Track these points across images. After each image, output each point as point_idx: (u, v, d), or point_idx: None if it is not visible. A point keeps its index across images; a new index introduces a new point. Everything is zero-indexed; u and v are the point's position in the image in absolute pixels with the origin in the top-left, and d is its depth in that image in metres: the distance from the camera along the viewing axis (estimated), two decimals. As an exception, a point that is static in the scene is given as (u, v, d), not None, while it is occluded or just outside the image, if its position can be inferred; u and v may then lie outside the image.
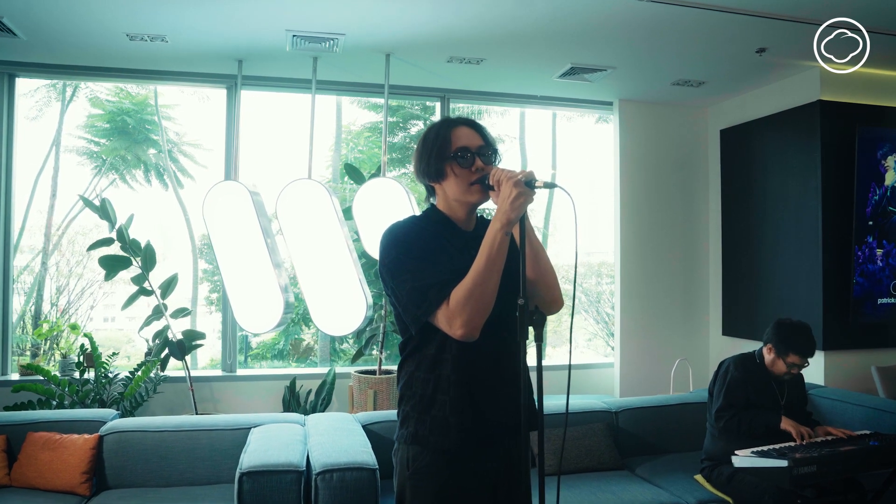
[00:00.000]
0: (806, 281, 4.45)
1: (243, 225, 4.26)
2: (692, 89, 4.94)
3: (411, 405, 1.78)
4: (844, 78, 4.43)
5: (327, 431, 3.02)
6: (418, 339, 1.78)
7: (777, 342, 3.12)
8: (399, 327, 1.86)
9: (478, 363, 1.76)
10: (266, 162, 8.66)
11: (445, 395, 1.74)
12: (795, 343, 3.08)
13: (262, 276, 4.23)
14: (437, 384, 1.75)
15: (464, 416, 1.74)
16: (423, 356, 1.79)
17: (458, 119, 1.87)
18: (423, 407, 1.76)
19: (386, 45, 4.18)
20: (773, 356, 3.14)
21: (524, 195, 1.64)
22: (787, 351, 3.09)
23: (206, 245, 9.56)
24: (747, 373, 3.14)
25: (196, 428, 3.15)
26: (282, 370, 5.74)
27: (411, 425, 1.77)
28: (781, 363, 3.11)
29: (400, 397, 1.83)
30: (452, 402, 1.74)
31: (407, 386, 1.81)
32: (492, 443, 1.79)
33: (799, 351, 3.08)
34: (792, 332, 3.09)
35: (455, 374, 1.74)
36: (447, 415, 1.74)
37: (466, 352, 1.74)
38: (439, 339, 1.75)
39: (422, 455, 1.75)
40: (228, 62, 4.42)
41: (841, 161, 4.35)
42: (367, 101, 9.25)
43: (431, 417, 1.75)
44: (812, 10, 3.56)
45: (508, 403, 1.79)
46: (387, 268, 1.75)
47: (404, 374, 1.83)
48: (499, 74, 4.70)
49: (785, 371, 3.12)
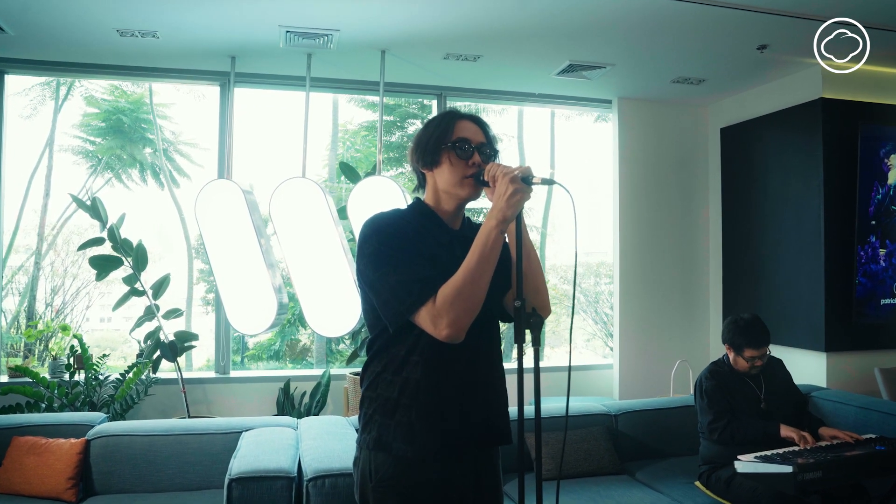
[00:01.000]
0: (808, 281, 4.38)
1: (236, 224, 4.18)
2: (692, 87, 4.88)
3: (374, 408, 1.69)
4: (847, 75, 4.36)
5: (320, 435, 2.95)
6: (387, 338, 1.69)
7: (731, 341, 3.15)
8: (368, 322, 1.76)
9: (450, 367, 1.67)
10: (260, 160, 8.58)
11: (412, 401, 1.65)
12: (747, 337, 3.09)
13: (256, 276, 4.16)
14: (404, 387, 1.66)
15: (430, 422, 1.65)
16: (391, 356, 1.69)
17: (464, 112, 1.80)
18: (388, 411, 1.66)
19: (381, 42, 4.10)
20: (734, 355, 3.16)
21: (521, 192, 1.58)
22: (742, 346, 3.11)
23: (202, 245, 9.47)
24: (720, 379, 3.14)
25: (186, 432, 3.08)
26: (276, 372, 5.67)
27: (374, 430, 1.67)
28: (741, 360, 3.13)
29: (363, 399, 1.74)
30: (420, 407, 1.65)
31: (371, 387, 1.71)
32: (461, 451, 1.70)
33: (752, 344, 3.09)
34: (742, 327, 3.11)
35: (425, 380, 1.65)
36: (413, 420, 1.64)
37: (439, 354, 1.65)
38: (411, 340, 1.66)
39: (386, 463, 1.65)
40: (221, 59, 4.34)
41: (843, 160, 4.28)
42: (363, 100, 9.17)
43: (396, 422, 1.65)
44: (814, 6, 3.50)
45: (481, 411, 1.72)
46: (367, 258, 1.66)
47: (369, 375, 1.73)
48: (496, 71, 4.64)
49: (748, 367, 3.12)
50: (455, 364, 1.67)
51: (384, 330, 1.68)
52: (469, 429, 1.68)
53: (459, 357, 1.65)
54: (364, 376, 1.75)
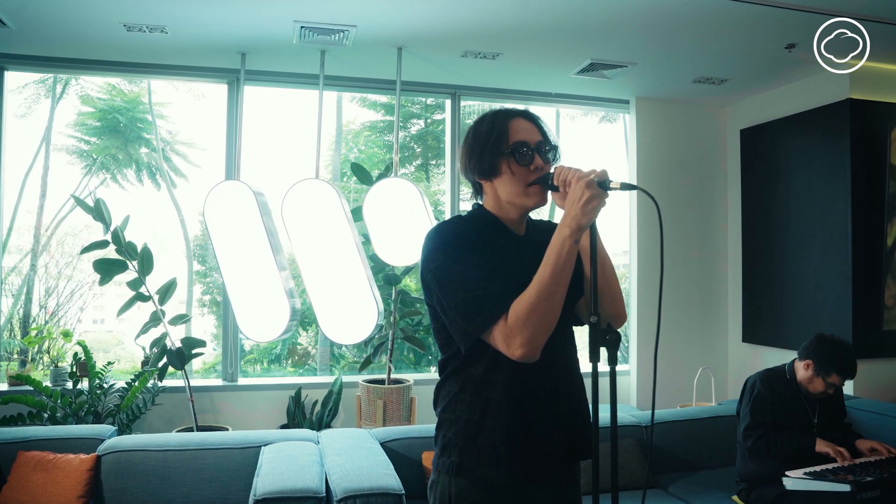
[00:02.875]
0: (834, 286, 4.26)
1: (247, 226, 4.03)
2: (713, 87, 4.76)
3: (455, 431, 1.57)
4: (876, 76, 4.25)
5: (344, 450, 2.81)
6: (464, 357, 1.58)
7: (819, 360, 2.91)
8: (439, 342, 1.65)
9: (531, 385, 1.56)
10: (264, 161, 8.41)
11: (495, 422, 1.54)
12: (841, 363, 2.88)
13: (267, 280, 4.00)
14: (486, 409, 1.55)
15: (516, 445, 1.54)
16: (468, 376, 1.58)
17: (515, 110, 1.67)
18: (469, 434, 1.55)
19: (399, 38, 3.96)
20: (811, 374, 2.93)
21: (598, 198, 1.44)
22: (830, 371, 2.88)
23: (199, 246, 9.32)
24: (774, 390, 2.96)
25: (202, 446, 2.92)
26: (285, 379, 5.50)
27: (455, 455, 1.56)
28: (820, 382, 2.91)
29: (440, 422, 1.62)
30: (503, 429, 1.53)
31: (449, 409, 1.60)
32: (546, 473, 1.59)
33: (843, 372, 2.89)
34: (836, 351, 2.89)
35: (507, 399, 1.54)
36: (497, 444, 1.53)
37: (520, 373, 1.54)
38: (489, 358, 1.54)
39: (468, 489, 1.54)
40: (231, 55, 4.18)
41: (872, 162, 4.17)
42: (366, 100, 9.02)
43: (479, 446, 1.54)
44: (846, 3, 3.38)
45: (563, 429, 1.60)
46: (432, 274, 1.54)
47: (445, 395, 1.62)
48: (514, 70, 4.50)
49: (822, 391, 2.92)
50: (536, 379, 1.55)
51: (459, 351, 1.56)
52: (555, 447, 1.57)
53: (540, 371, 1.53)
54: (439, 396, 1.64)
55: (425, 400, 4.72)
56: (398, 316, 4.60)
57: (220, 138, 4.65)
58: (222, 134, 4.63)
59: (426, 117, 9.25)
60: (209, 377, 6.33)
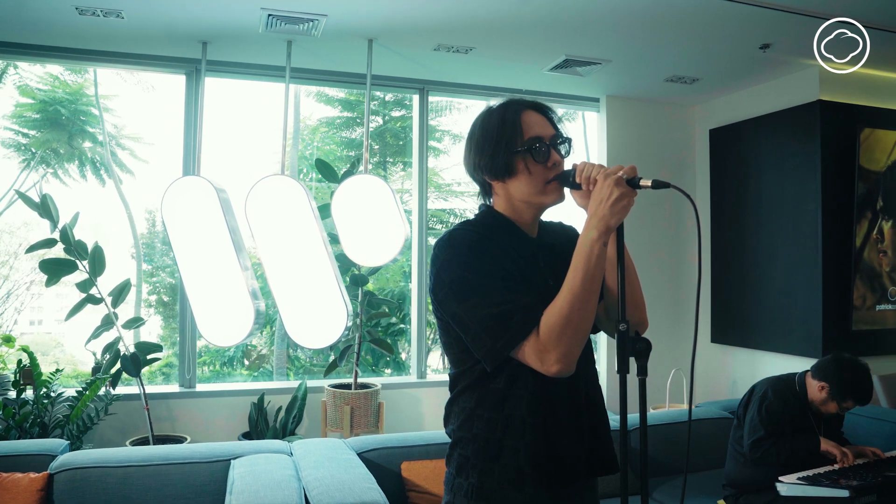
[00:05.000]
0: (804, 287, 4.28)
1: (208, 224, 3.81)
2: (684, 86, 4.73)
3: (472, 450, 1.45)
4: (845, 78, 4.28)
5: (321, 463, 2.64)
6: (480, 372, 1.45)
7: (838, 386, 2.79)
8: (450, 356, 1.52)
9: (554, 401, 1.44)
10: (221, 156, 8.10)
11: (518, 441, 1.42)
12: (859, 391, 2.78)
13: (230, 281, 3.80)
14: (508, 426, 1.42)
15: (541, 465, 1.42)
16: (486, 391, 1.45)
17: (524, 101, 1.54)
18: (490, 454, 1.43)
19: (371, 30, 3.80)
20: (826, 396, 2.83)
21: (627, 196, 1.34)
22: (847, 397, 2.79)
23: (147, 245, 8.96)
24: (786, 403, 2.86)
25: (166, 461, 2.71)
26: (246, 385, 5.26)
27: (474, 476, 1.43)
28: (835, 406, 2.83)
29: (456, 440, 1.50)
30: (528, 448, 1.41)
31: (465, 426, 1.47)
32: (569, 493, 1.48)
33: (861, 399, 2.79)
34: (855, 377, 2.78)
35: (531, 416, 1.42)
36: (521, 464, 1.41)
37: (545, 387, 1.42)
38: (510, 372, 1.42)
39: None
40: (191, 44, 3.95)
41: (841, 164, 4.20)
42: (324, 95, 8.80)
43: (501, 467, 1.42)
44: (821, 3, 3.37)
45: (589, 442, 1.49)
46: (449, 288, 1.41)
47: (459, 412, 1.49)
48: (486, 65, 4.38)
49: (835, 412, 2.85)
50: (560, 393, 1.44)
51: (474, 365, 1.43)
52: (578, 465, 1.46)
53: (562, 385, 1.42)
54: (451, 413, 1.51)
55: (393, 405, 4.58)
56: (365, 318, 4.44)
57: (170, 132, 4.41)
58: (174, 128, 4.38)
59: (384, 114, 9.08)
60: (155, 382, 6.02)
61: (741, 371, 4.81)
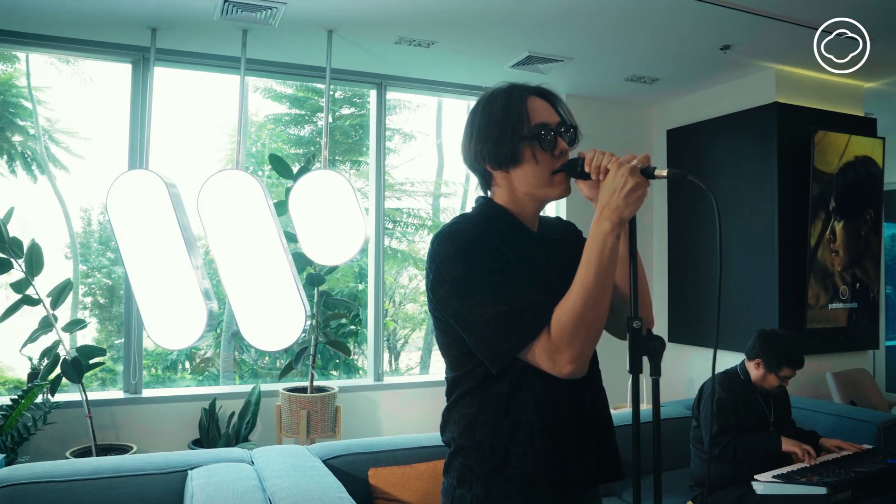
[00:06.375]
0: (761, 286, 4.34)
1: (157, 221, 3.61)
2: (644, 86, 4.75)
3: (476, 459, 1.35)
4: (800, 81, 4.36)
5: (286, 472, 2.50)
6: (482, 375, 1.36)
7: (768, 356, 2.92)
8: (449, 359, 1.43)
9: (562, 402, 1.37)
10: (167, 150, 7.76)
11: (527, 448, 1.33)
12: (789, 356, 2.90)
13: (181, 280, 3.60)
14: (514, 433, 1.34)
15: (550, 473, 1.34)
16: (489, 396, 1.36)
17: (529, 86, 1.46)
18: (496, 463, 1.34)
19: (330, 20, 3.66)
20: (763, 371, 2.94)
21: (642, 186, 1.27)
22: (781, 365, 2.91)
23: (82, 245, 8.58)
24: (734, 392, 2.95)
25: (116, 473, 2.52)
26: (195, 389, 5.01)
27: (478, 487, 1.34)
28: (774, 378, 2.93)
29: (456, 448, 1.40)
30: (537, 455, 1.33)
31: (467, 434, 1.37)
32: (577, 499, 1.41)
33: (793, 364, 2.91)
34: (783, 344, 2.92)
35: (540, 421, 1.34)
36: (529, 473, 1.32)
37: (551, 388, 1.34)
38: (514, 374, 1.34)
39: None
40: (139, 31, 3.74)
41: (797, 165, 4.27)
42: (272, 90, 8.57)
43: (508, 477, 1.33)
44: (778, 4, 3.40)
45: (595, 447, 1.42)
46: (450, 286, 1.31)
47: (459, 418, 1.39)
48: (447, 60, 4.29)
49: (778, 385, 2.94)
50: (566, 396, 1.36)
51: (475, 368, 1.34)
52: (587, 472, 1.38)
53: (568, 386, 1.34)
54: (450, 419, 1.41)
55: (349, 409, 4.44)
56: (321, 319, 4.29)
57: (110, 127, 4.18)
58: (115, 121, 4.16)
59: (334, 111, 8.90)
60: (90, 388, 5.70)
61: (698, 370, 4.85)
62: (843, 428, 3.53)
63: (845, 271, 4.44)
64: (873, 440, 3.39)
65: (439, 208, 9.39)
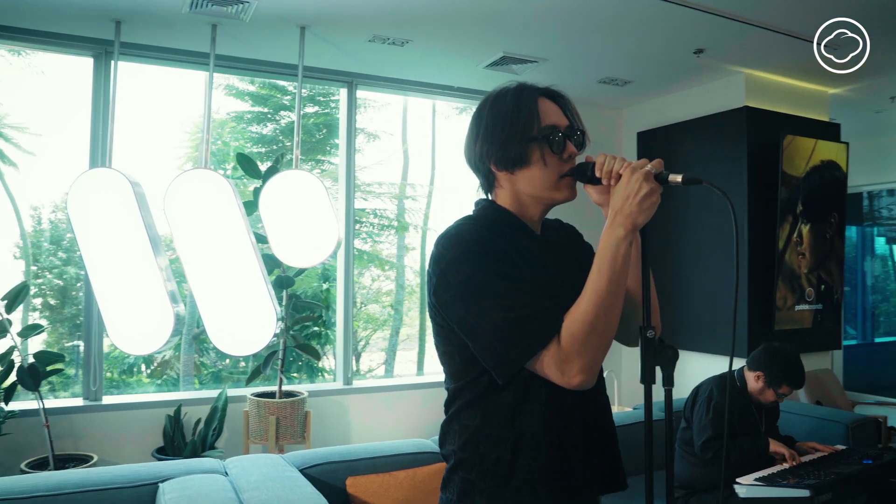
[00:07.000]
0: (730, 288, 4.38)
1: (121, 221, 3.47)
2: (616, 88, 4.76)
3: (478, 473, 1.30)
4: (768, 86, 4.42)
5: (263, 483, 2.41)
6: (485, 385, 1.31)
7: (771, 372, 2.90)
8: (449, 368, 1.37)
9: (569, 412, 1.32)
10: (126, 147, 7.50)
11: (533, 461, 1.28)
12: (792, 376, 2.89)
13: (146, 283, 3.47)
14: (520, 445, 1.29)
15: (556, 486, 1.30)
16: (493, 406, 1.31)
17: (538, 87, 1.42)
18: (500, 477, 1.29)
19: (303, 16, 3.57)
20: (763, 385, 2.93)
21: (656, 192, 1.24)
22: (781, 383, 2.89)
23: (33, 244, 8.26)
24: (731, 399, 2.94)
25: (82, 488, 2.39)
26: (160, 395, 4.81)
27: (482, 501, 1.29)
28: (772, 393, 2.92)
29: (457, 461, 1.34)
30: (543, 468, 1.28)
31: (469, 447, 1.32)
32: None
33: (794, 383, 2.90)
34: (788, 363, 2.89)
35: (547, 432, 1.29)
36: (536, 486, 1.28)
37: (559, 398, 1.30)
38: (519, 383, 1.29)
39: None
40: (102, 23, 3.58)
41: (766, 169, 4.32)
42: (233, 87, 8.37)
43: (513, 490, 1.28)
44: (751, 8, 3.43)
45: (601, 457, 1.38)
46: (456, 290, 1.26)
47: (460, 430, 1.34)
48: (421, 59, 4.24)
49: (773, 400, 2.94)
50: (572, 406, 1.32)
51: (478, 377, 1.29)
52: (592, 483, 1.34)
53: (573, 396, 1.30)
54: (449, 431, 1.36)
55: (320, 414, 4.34)
56: (290, 322, 4.19)
57: (64, 122, 3.99)
58: (72, 116, 3.98)
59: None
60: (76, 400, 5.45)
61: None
62: (812, 428, 3.59)
63: (811, 273, 4.52)
64: (843, 440, 3.45)
65: (404, 209, 9.32)
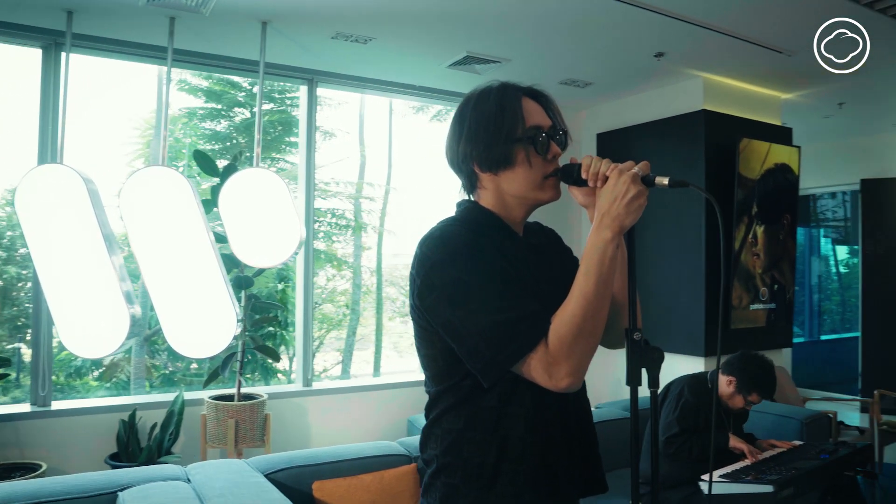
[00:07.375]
0: (688, 288, 4.47)
1: (73, 219, 3.34)
2: (577, 90, 4.80)
3: (462, 478, 1.28)
4: (724, 90, 4.52)
5: (228, 490, 2.35)
6: (468, 389, 1.29)
7: (742, 379, 2.94)
8: (431, 371, 1.35)
9: (551, 415, 1.32)
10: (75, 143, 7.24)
11: (518, 465, 1.27)
12: (764, 385, 2.93)
13: (100, 283, 3.34)
14: (503, 449, 1.28)
15: (541, 490, 1.29)
16: (476, 410, 1.30)
17: (521, 87, 1.41)
18: (484, 482, 1.27)
19: (265, 11, 3.50)
20: (734, 390, 2.97)
21: (643, 195, 1.24)
22: (752, 391, 2.94)
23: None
24: (700, 398, 2.96)
25: (36, 499, 2.29)
26: (113, 400, 4.64)
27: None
28: (741, 399, 2.96)
29: (439, 466, 1.32)
30: (528, 472, 1.28)
31: (452, 451, 1.30)
32: None
33: (764, 393, 2.94)
34: (761, 372, 2.93)
35: (531, 435, 1.28)
36: (520, 491, 1.27)
37: (542, 401, 1.29)
38: (505, 387, 1.28)
39: None
40: (53, 13, 3.44)
41: (723, 171, 4.41)
42: (185, 83, 8.17)
43: (497, 495, 1.27)
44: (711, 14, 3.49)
45: (580, 464, 1.37)
46: (441, 292, 1.24)
47: (442, 434, 1.32)
48: (383, 57, 4.19)
49: (742, 406, 2.98)
50: (555, 409, 1.31)
51: (462, 380, 1.27)
52: (574, 486, 1.34)
53: (556, 399, 1.29)
54: (431, 436, 1.34)
55: (280, 416, 4.27)
56: (248, 324, 4.10)
57: (7, 116, 3.83)
58: (10, 110, 3.82)
59: (251, 106, 8.58)
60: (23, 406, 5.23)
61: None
62: (769, 424, 3.67)
63: (765, 273, 4.64)
64: (798, 436, 3.55)
65: (361, 209, 9.24)
